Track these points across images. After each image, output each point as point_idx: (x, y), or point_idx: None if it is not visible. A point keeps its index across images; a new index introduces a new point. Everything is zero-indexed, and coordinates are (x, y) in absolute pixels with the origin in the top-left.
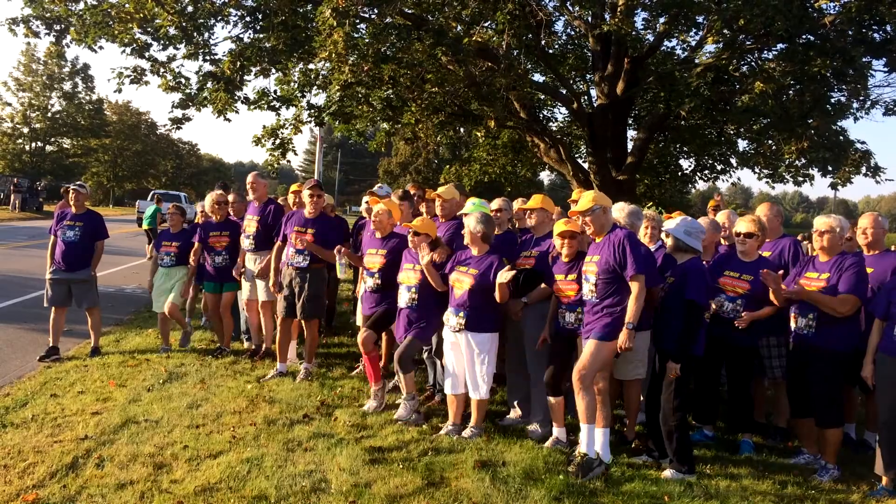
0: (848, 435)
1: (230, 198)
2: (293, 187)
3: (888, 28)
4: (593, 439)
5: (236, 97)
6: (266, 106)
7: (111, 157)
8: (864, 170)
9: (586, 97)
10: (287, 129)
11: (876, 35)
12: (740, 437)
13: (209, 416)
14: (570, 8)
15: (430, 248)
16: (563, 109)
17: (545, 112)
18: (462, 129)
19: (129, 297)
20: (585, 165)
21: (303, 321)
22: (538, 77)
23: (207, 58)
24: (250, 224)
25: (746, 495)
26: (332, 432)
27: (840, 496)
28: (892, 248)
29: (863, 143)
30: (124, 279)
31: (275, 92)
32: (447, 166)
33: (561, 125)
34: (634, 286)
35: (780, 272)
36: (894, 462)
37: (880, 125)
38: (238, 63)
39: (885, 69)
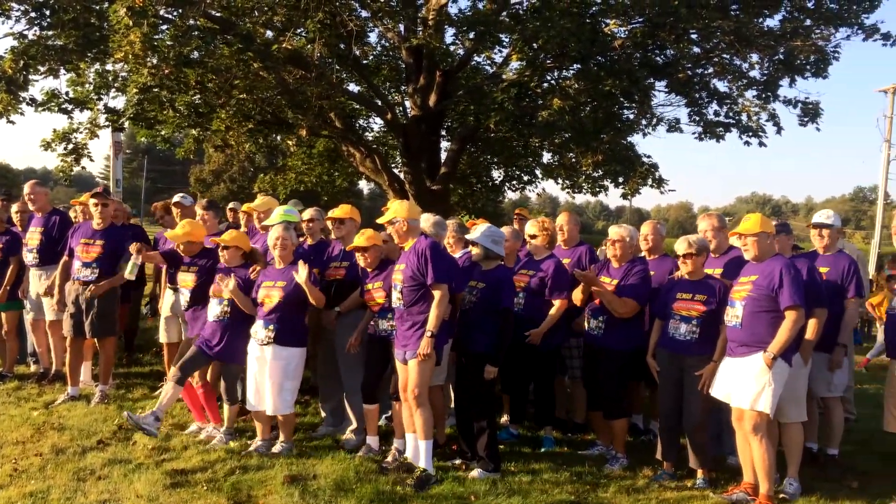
0: (636, 425)
1: (14, 207)
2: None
3: (668, 53)
4: (418, 451)
5: (21, 98)
6: (56, 108)
7: None
8: (650, 182)
9: (401, 108)
10: (82, 133)
11: (658, 59)
12: (543, 434)
13: None
14: (383, 20)
15: (243, 259)
16: (379, 119)
17: (361, 122)
18: (279, 137)
19: None
20: (401, 175)
21: (96, 340)
22: (354, 87)
23: None
24: (33, 237)
25: (546, 488)
26: (129, 458)
27: (627, 482)
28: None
29: (648, 156)
30: None
31: (66, 93)
32: (262, 175)
33: (377, 135)
34: (436, 294)
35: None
36: (672, 448)
37: (664, 141)
38: (22, 62)
39: (666, 90)
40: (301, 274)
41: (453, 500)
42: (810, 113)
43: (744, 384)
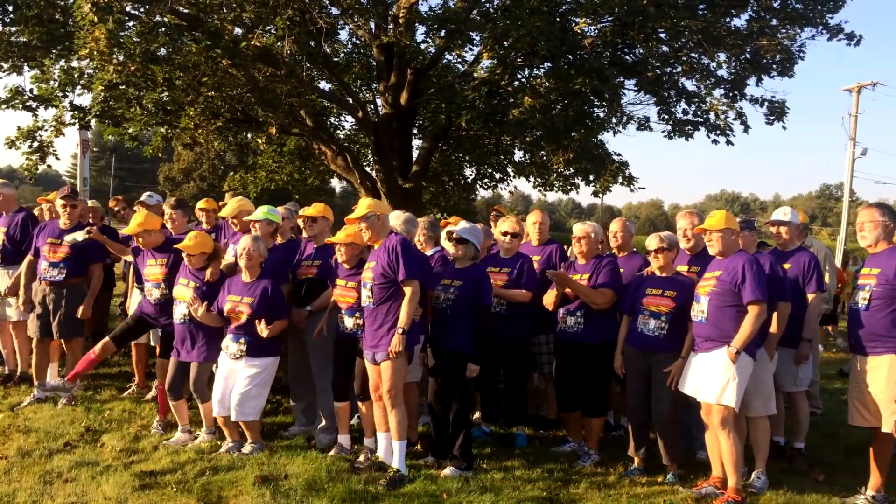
0: (608, 421)
1: None
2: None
3: (637, 52)
4: (391, 451)
5: None
6: (20, 106)
7: None
8: (620, 179)
9: (372, 106)
10: (47, 131)
11: (628, 58)
12: (515, 431)
13: None
14: (353, 17)
15: (207, 261)
16: (350, 118)
17: (332, 120)
18: (249, 135)
19: None
20: (373, 173)
21: (63, 341)
22: (324, 85)
23: None
24: None
25: (518, 485)
26: (97, 460)
27: (599, 478)
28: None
29: (619, 154)
30: None
31: (31, 91)
32: (232, 173)
33: (348, 133)
34: (407, 291)
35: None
36: (642, 443)
37: (634, 139)
38: None
39: (636, 88)
40: (262, 330)
41: (426, 498)
42: (776, 111)
43: (709, 379)
